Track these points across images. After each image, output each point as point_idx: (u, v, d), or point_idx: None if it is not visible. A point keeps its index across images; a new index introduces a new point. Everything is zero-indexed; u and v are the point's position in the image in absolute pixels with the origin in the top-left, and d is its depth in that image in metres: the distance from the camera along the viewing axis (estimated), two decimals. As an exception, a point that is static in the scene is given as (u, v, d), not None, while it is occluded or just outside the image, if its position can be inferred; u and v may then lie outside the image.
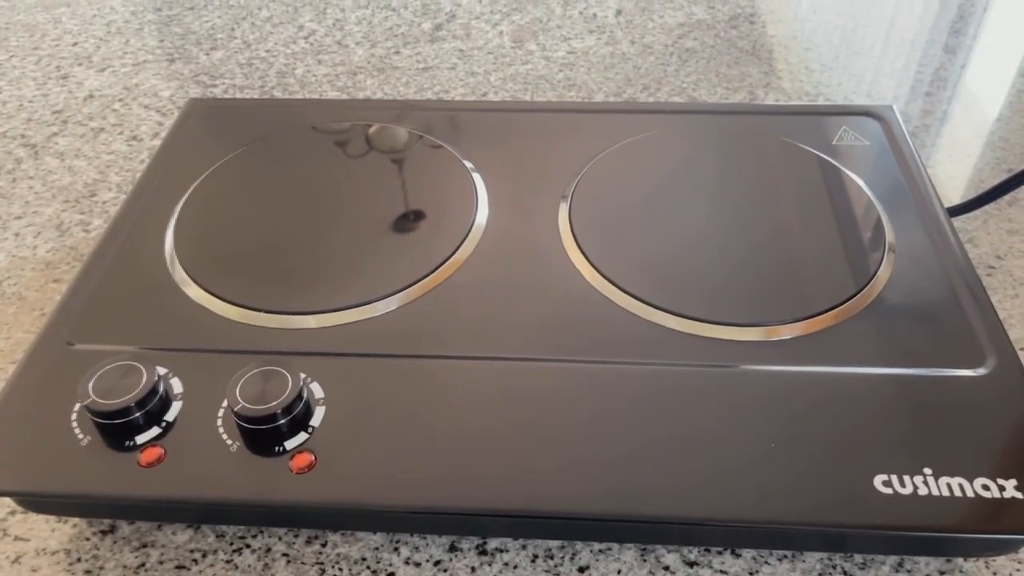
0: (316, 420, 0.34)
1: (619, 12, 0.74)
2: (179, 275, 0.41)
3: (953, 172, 0.57)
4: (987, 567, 0.35)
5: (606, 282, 0.40)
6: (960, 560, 0.35)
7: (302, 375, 0.34)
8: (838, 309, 0.38)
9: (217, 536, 0.37)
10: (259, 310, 0.39)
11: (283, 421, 0.33)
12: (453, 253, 0.42)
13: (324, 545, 0.36)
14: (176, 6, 0.77)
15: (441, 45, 0.70)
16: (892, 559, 0.35)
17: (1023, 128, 0.59)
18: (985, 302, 0.38)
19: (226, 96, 0.64)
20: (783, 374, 0.36)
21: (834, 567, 0.35)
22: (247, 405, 0.33)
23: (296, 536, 0.37)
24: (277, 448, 0.33)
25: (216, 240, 0.43)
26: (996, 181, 0.48)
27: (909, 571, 0.35)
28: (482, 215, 0.44)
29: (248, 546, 0.36)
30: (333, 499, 0.32)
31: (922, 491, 0.31)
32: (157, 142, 0.60)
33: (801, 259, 0.41)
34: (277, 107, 0.53)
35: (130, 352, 0.37)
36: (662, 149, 0.48)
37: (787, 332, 0.37)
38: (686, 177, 0.47)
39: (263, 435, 0.33)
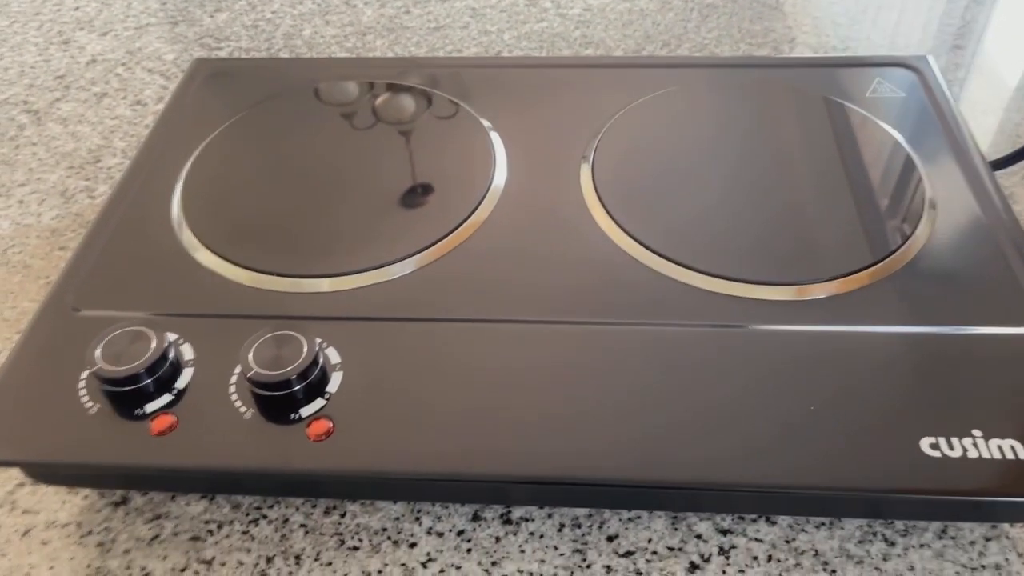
0: (333, 386, 0.33)
1: (636, -33, 0.71)
2: (187, 239, 0.39)
3: (987, 126, 0.54)
4: (1034, 533, 0.33)
5: (632, 241, 0.38)
6: (1006, 526, 0.34)
7: (317, 340, 0.33)
8: (875, 267, 0.36)
9: (233, 507, 0.36)
10: (271, 273, 0.38)
11: (298, 387, 0.32)
12: (470, 215, 0.40)
13: (343, 515, 0.35)
14: (179, -32, 0.74)
15: (453, 3, 0.67)
16: (935, 525, 0.34)
17: (1061, 81, 0.57)
18: (1030, 256, 0.36)
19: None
20: (821, 334, 0.34)
21: (874, 534, 0.33)
22: (261, 371, 0.32)
23: (314, 506, 0.35)
24: (292, 415, 0.32)
25: (225, 203, 0.42)
26: (1037, 133, 0.46)
27: (953, 538, 0.33)
28: (500, 176, 0.42)
29: (264, 516, 0.35)
30: (352, 467, 0.31)
31: (972, 454, 0.29)
32: (162, 106, 0.58)
33: (836, 216, 0.39)
34: (284, 66, 0.51)
35: (139, 318, 0.35)
36: (687, 104, 0.46)
37: (823, 291, 0.36)
38: (713, 133, 0.45)
39: (278, 401, 0.32)
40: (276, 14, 0.67)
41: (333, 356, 0.34)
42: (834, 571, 0.32)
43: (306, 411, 0.32)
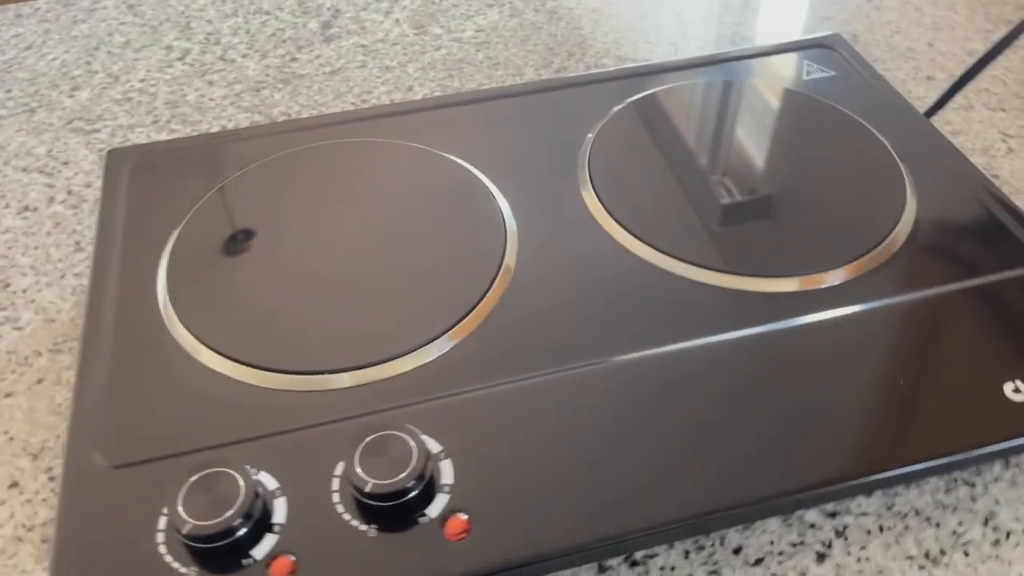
0: (447, 477, 0.31)
1: (508, -19, 0.71)
2: (203, 354, 0.35)
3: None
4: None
5: (663, 255, 0.39)
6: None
7: (419, 433, 0.31)
8: (887, 240, 0.39)
9: (345, 633, 0.32)
10: (310, 373, 0.34)
11: (418, 488, 0.30)
12: (498, 271, 0.38)
13: (467, 606, 0.33)
14: (8, 49, 0.65)
15: (339, 44, 0.64)
16: (999, 460, 0.37)
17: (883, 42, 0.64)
18: (1003, 199, 0.41)
19: (139, 142, 0.56)
20: (873, 311, 0.36)
21: (954, 480, 0.36)
22: (379, 482, 0.29)
23: (433, 606, 0.33)
24: (420, 517, 0.30)
25: (228, 306, 0.37)
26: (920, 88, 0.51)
27: (1017, 465, 0.37)
28: (510, 220, 0.41)
29: (386, 633, 0.32)
30: (502, 559, 0.29)
31: (1050, 389, 0.33)
32: (58, 207, 0.51)
33: (835, 198, 0.42)
34: (214, 142, 0.46)
35: (199, 458, 0.31)
36: (658, 111, 0.47)
37: (855, 271, 0.38)
38: (694, 134, 0.46)
39: (401, 509, 0.29)
40: (145, 82, 0.61)
41: (432, 445, 0.31)
42: (938, 523, 0.35)
43: (432, 511, 0.30)
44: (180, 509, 0.28)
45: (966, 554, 0.34)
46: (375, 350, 0.35)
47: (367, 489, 0.29)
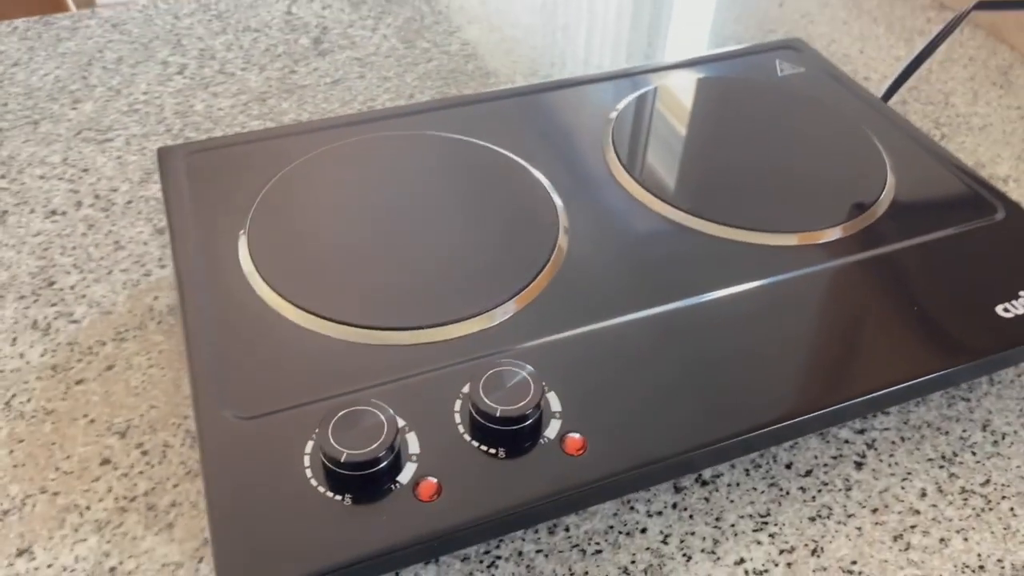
0: (555, 405, 0.35)
1: (482, 1, 0.76)
2: (298, 316, 0.38)
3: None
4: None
5: (692, 216, 0.44)
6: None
7: (528, 365, 0.34)
8: (879, 200, 0.46)
9: (462, 560, 0.35)
10: (402, 328, 0.38)
11: (536, 414, 0.33)
12: (555, 241, 0.43)
13: (567, 530, 0.37)
14: (-7, 64, 0.65)
15: (334, 57, 0.68)
16: (984, 378, 0.44)
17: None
18: (958, 162, 0.49)
19: (192, 140, 0.57)
20: (874, 258, 0.42)
21: (952, 397, 0.43)
22: (507, 407, 0.32)
23: (537, 533, 0.36)
24: (542, 440, 0.33)
25: (313, 271, 0.40)
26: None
27: (999, 383, 0.44)
28: (555, 197, 0.45)
29: (499, 557, 0.35)
30: (618, 467, 0.33)
31: (1031, 307, 0.40)
32: (87, 211, 0.52)
33: (828, 170, 0.48)
34: (262, 139, 0.49)
35: (322, 405, 0.34)
36: (670, 100, 0.53)
37: (856, 225, 0.44)
38: (701, 119, 0.52)
39: (526, 432, 0.33)
40: (149, 95, 0.62)
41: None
42: (947, 432, 0.41)
43: (550, 433, 0.33)
44: (332, 441, 0.31)
45: (973, 453, 0.40)
46: (470, 308, 0.38)
47: (497, 414, 0.32)
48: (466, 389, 0.35)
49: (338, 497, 0.31)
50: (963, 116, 0.64)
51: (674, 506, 0.38)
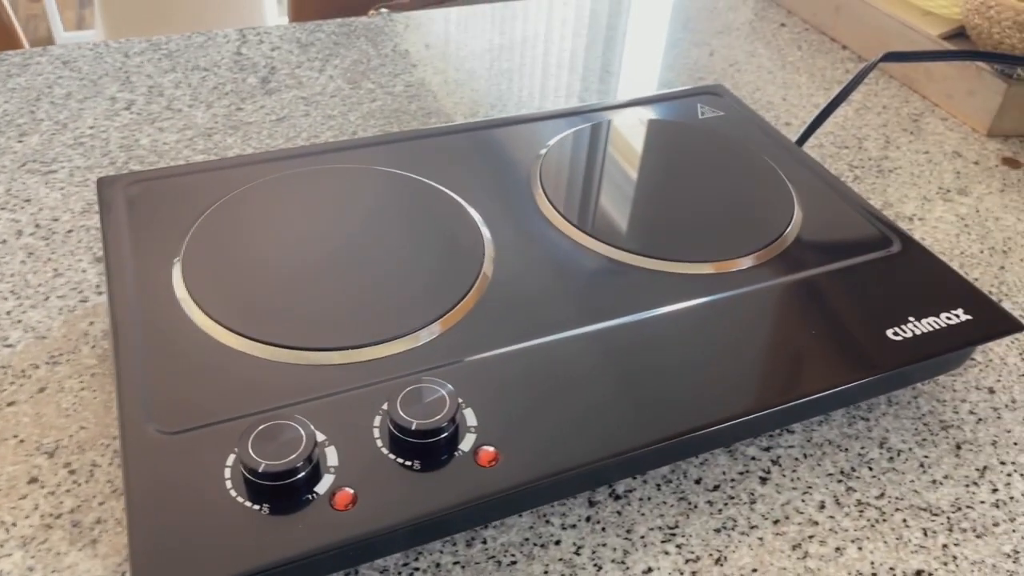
0: (471, 420, 0.36)
1: (428, 46, 0.79)
2: (226, 338, 0.39)
3: (746, 132, 0.72)
4: (937, 384, 0.48)
5: (613, 248, 0.47)
6: (918, 385, 0.48)
7: (447, 383, 0.36)
8: (785, 232, 0.49)
9: (379, 572, 0.37)
10: (329, 349, 0.39)
11: (451, 429, 0.35)
12: (480, 268, 0.45)
13: (484, 542, 0.38)
14: (-60, 97, 0.66)
15: (280, 96, 0.70)
16: (882, 398, 0.47)
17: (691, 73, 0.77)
18: (861, 200, 0.52)
19: (130, 170, 0.58)
20: (781, 285, 0.45)
21: (853, 417, 0.46)
22: (423, 421, 0.34)
23: (455, 545, 0.38)
24: (456, 453, 0.35)
25: (243, 296, 0.41)
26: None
27: (896, 403, 0.47)
28: (483, 227, 0.48)
29: (417, 569, 0.37)
30: (528, 477, 0.35)
31: (918, 331, 0.43)
32: (28, 239, 0.53)
33: (740, 206, 0.51)
34: (203, 168, 0.50)
35: (248, 421, 0.35)
36: (590, 140, 0.56)
37: (765, 256, 0.47)
38: (627, 154, 0.55)
39: (440, 445, 0.35)
40: (95, 129, 0.64)
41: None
42: (846, 449, 0.44)
43: (464, 446, 0.35)
44: (252, 453, 0.32)
45: (870, 468, 0.43)
46: (396, 329, 0.40)
47: (413, 427, 0.34)
48: (385, 406, 0.36)
49: (256, 507, 0.32)
50: (875, 160, 0.68)
51: (588, 519, 0.39)
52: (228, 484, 0.33)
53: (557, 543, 0.38)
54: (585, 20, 0.88)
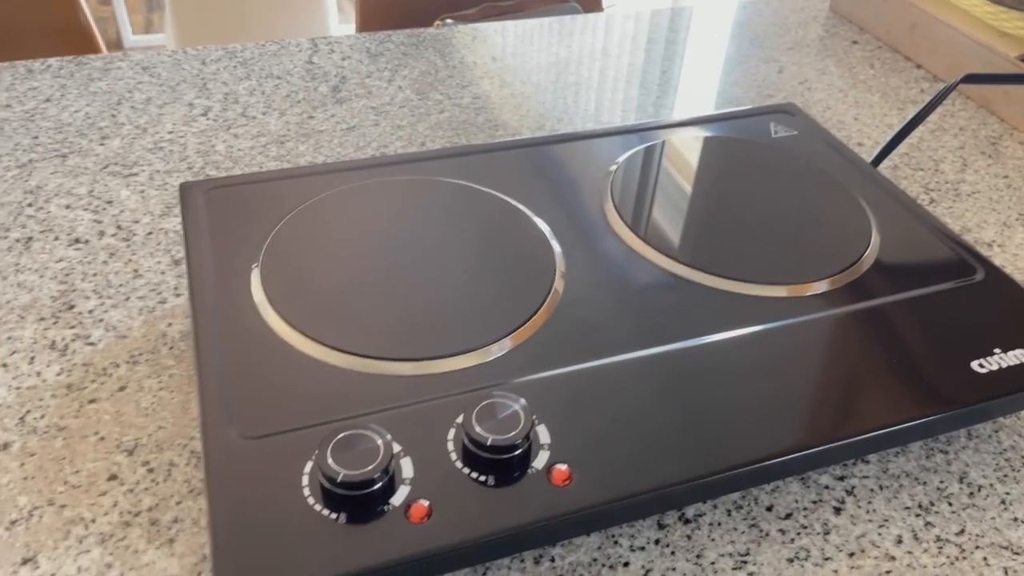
0: (544, 438, 0.36)
1: (494, 58, 0.80)
2: (305, 345, 0.40)
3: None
4: (1020, 418, 0.46)
5: (685, 267, 0.46)
6: (1001, 419, 0.46)
7: (520, 399, 0.36)
8: (863, 257, 0.48)
9: (449, 586, 0.37)
10: (402, 360, 0.40)
11: (527, 444, 0.35)
12: (552, 283, 0.45)
13: (552, 560, 0.38)
14: (27, 100, 0.69)
15: (351, 105, 0.71)
16: (962, 432, 0.45)
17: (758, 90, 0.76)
18: (941, 225, 0.51)
19: (211, 176, 0.60)
20: (859, 311, 0.44)
21: (931, 449, 0.44)
22: (499, 437, 0.34)
23: (523, 562, 0.38)
24: (529, 470, 0.35)
25: (318, 303, 0.42)
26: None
27: (977, 437, 0.45)
28: (556, 247, 0.48)
29: (485, 584, 0.37)
30: (602, 499, 0.34)
31: (1004, 364, 0.41)
32: (110, 240, 0.54)
33: (816, 229, 0.50)
34: (279, 178, 0.51)
35: (322, 429, 0.36)
36: (663, 157, 0.56)
37: (841, 280, 0.46)
38: (698, 174, 0.54)
39: (514, 462, 0.35)
40: (173, 134, 0.66)
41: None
42: (924, 482, 0.42)
43: (538, 463, 0.35)
44: (330, 462, 0.33)
45: (950, 504, 0.42)
46: (468, 343, 0.40)
47: (488, 443, 0.34)
48: (460, 419, 0.36)
49: (333, 516, 0.33)
50: (952, 183, 0.66)
51: (657, 542, 0.39)
52: (306, 492, 0.33)
53: (626, 565, 0.38)
54: (646, 34, 0.88)
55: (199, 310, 0.41)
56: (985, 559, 0.39)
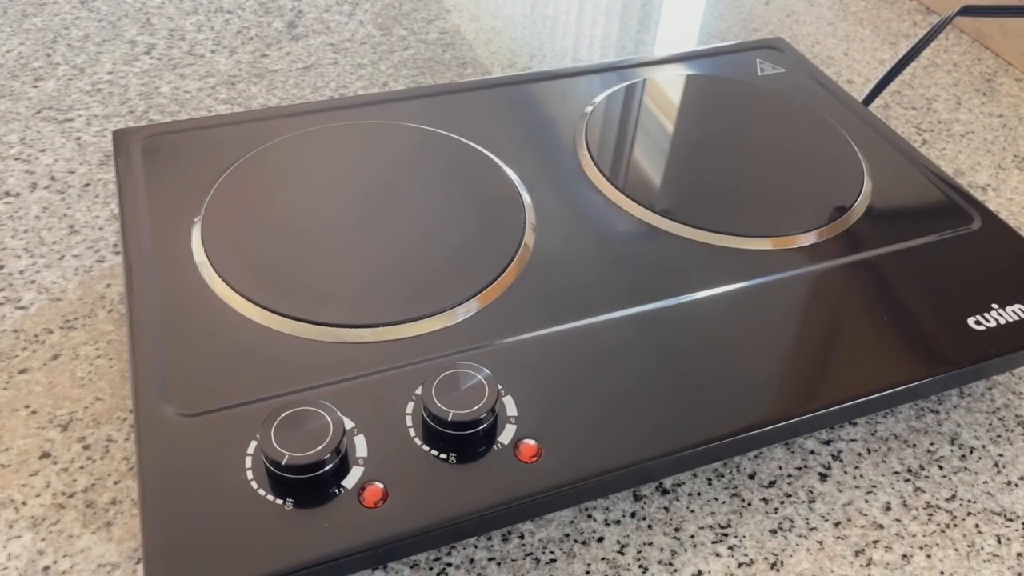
0: (511, 410, 0.33)
1: (463, -10, 0.75)
2: (255, 312, 0.36)
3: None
4: (1014, 375, 0.44)
5: (664, 219, 0.43)
6: (995, 378, 0.44)
7: (484, 368, 0.33)
8: (854, 205, 0.45)
9: (411, 567, 0.34)
10: (358, 326, 0.36)
11: (490, 419, 0.32)
12: (521, 238, 0.41)
13: (521, 537, 0.35)
14: (-47, 37, 0.63)
15: (308, 42, 0.66)
16: (954, 391, 0.43)
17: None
18: (936, 169, 0.48)
19: (154, 122, 0.55)
20: (848, 264, 0.41)
21: (921, 410, 0.42)
22: (459, 412, 0.31)
23: (490, 540, 0.35)
24: (495, 445, 0.32)
25: (265, 265, 0.38)
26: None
27: (969, 395, 0.43)
28: (523, 192, 0.44)
29: (449, 564, 0.34)
30: (573, 476, 0.32)
31: (1003, 320, 0.39)
32: (43, 193, 0.50)
33: (804, 175, 0.47)
34: (225, 123, 0.47)
35: (267, 403, 0.32)
36: (641, 98, 0.52)
37: (830, 231, 0.43)
38: (679, 117, 0.51)
39: (478, 438, 0.32)
40: (113, 75, 0.61)
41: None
42: (914, 444, 0.40)
43: (504, 438, 0.32)
44: (274, 443, 0.30)
45: (940, 467, 0.40)
46: (431, 306, 0.37)
47: (450, 418, 0.31)
48: (419, 391, 0.33)
49: (279, 501, 0.30)
50: (945, 122, 0.63)
51: (633, 515, 0.37)
52: (249, 475, 0.30)
53: (600, 540, 0.36)
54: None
55: (134, 271, 0.38)
56: (977, 526, 0.37)
